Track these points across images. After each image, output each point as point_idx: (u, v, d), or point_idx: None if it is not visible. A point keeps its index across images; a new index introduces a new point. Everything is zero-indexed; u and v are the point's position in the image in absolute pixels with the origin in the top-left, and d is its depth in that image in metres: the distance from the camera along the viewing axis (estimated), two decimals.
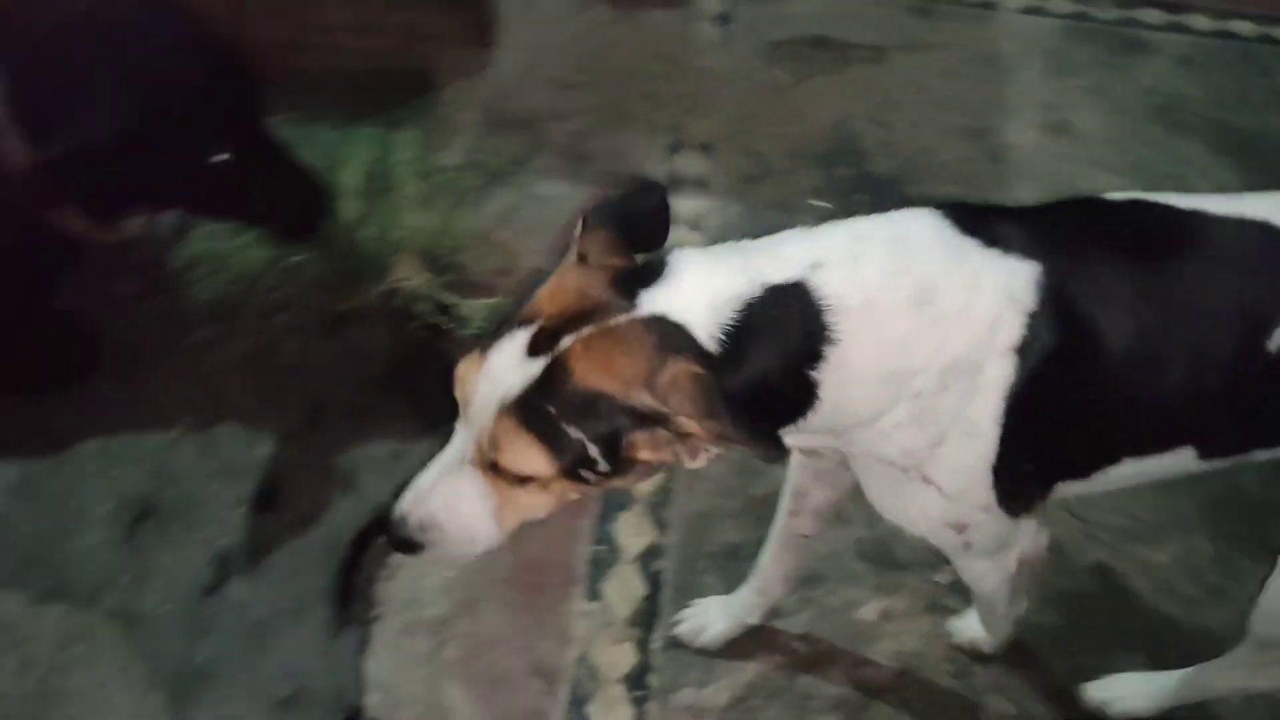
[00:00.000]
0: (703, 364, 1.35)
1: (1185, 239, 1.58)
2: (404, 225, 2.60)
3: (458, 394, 1.41)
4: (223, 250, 2.38)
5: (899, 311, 1.43)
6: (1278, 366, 1.54)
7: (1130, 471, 1.65)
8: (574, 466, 1.39)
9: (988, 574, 1.78)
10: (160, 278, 2.40)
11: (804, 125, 2.97)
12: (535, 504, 1.47)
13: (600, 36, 3.08)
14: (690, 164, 2.83)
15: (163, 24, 2.05)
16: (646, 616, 2.09)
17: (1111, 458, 1.63)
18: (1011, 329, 1.45)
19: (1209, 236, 1.58)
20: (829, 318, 1.40)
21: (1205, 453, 1.64)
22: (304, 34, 2.67)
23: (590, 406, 1.35)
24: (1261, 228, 1.57)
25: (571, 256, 1.44)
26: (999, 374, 1.45)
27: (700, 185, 2.79)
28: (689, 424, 1.34)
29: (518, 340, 1.37)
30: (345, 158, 2.66)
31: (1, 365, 2.24)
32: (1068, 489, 1.67)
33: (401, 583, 2.11)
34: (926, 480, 1.53)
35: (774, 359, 1.41)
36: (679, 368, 1.34)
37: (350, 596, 2.09)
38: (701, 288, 1.40)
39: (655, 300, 1.38)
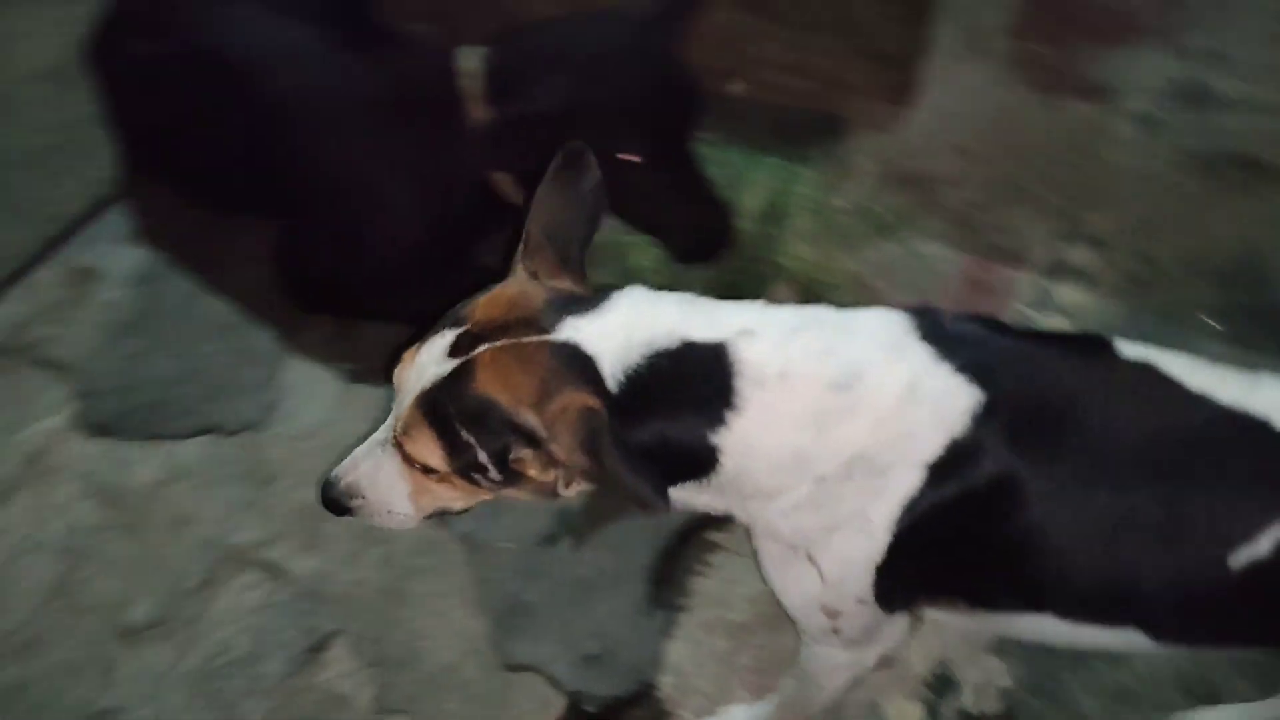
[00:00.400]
0: (600, 400, 1.35)
1: (1172, 422, 1.44)
2: (790, 254, 2.73)
3: (395, 378, 1.48)
4: (625, 243, 2.58)
5: (813, 390, 1.39)
6: (1243, 584, 1.39)
7: (1065, 631, 1.53)
8: (466, 468, 1.43)
9: (838, 670, 1.71)
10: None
11: (1208, 240, 2.85)
12: (447, 495, 1.51)
13: (1014, 114, 3.09)
14: (1079, 255, 2.79)
15: (630, 31, 2.27)
16: (942, 683, 2.10)
17: (1030, 605, 1.52)
18: (930, 445, 1.39)
19: (1200, 428, 1.43)
20: (738, 384, 1.38)
21: (1158, 639, 1.51)
22: (736, 64, 2.86)
23: (483, 415, 1.38)
24: (1261, 429, 1.40)
25: (518, 271, 1.49)
26: (905, 483, 1.40)
27: (1086, 279, 2.74)
28: (561, 452, 1.35)
29: (446, 339, 1.42)
30: (750, 182, 2.83)
31: (411, 296, 2.39)
32: (980, 620, 1.59)
33: (714, 581, 2.23)
34: (812, 561, 1.49)
35: (671, 413, 1.40)
36: (572, 397, 1.34)
37: (667, 580, 2.23)
38: (621, 327, 1.40)
39: (576, 328, 1.39)
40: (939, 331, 1.46)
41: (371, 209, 2.37)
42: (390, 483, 1.53)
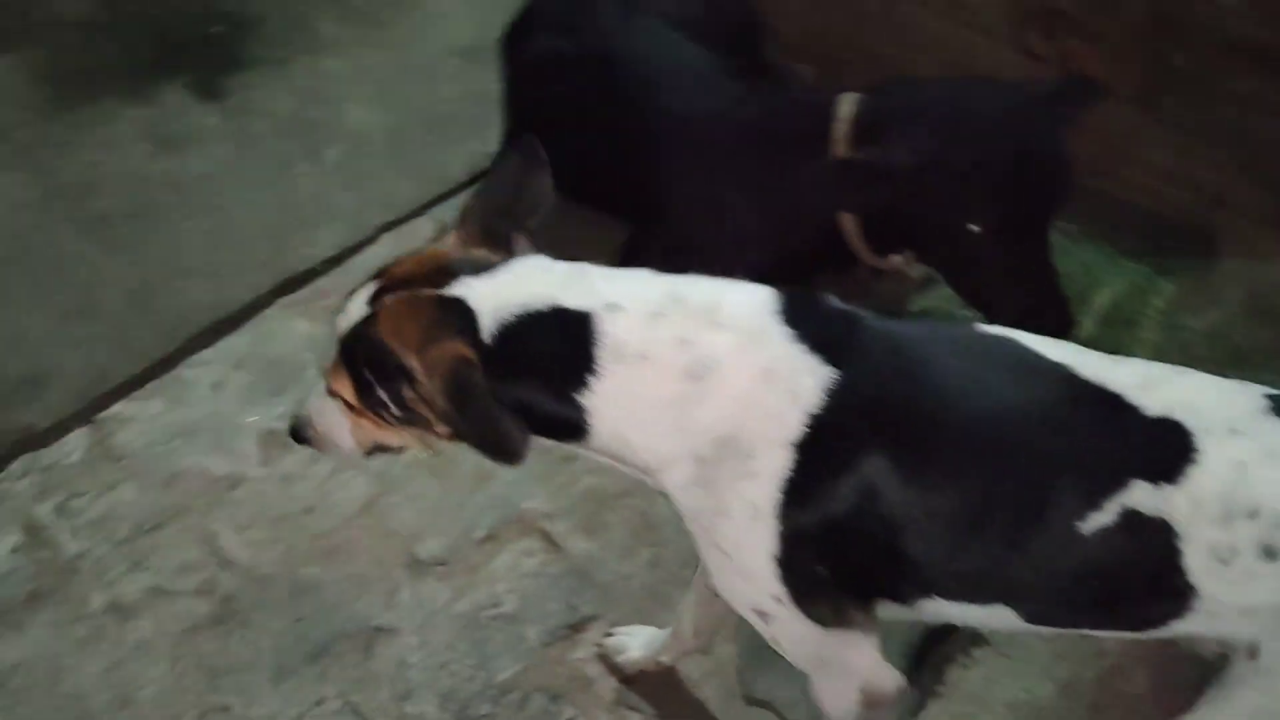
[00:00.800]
0: (473, 351, 1.47)
1: (1030, 392, 1.49)
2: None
3: (335, 324, 1.61)
4: (957, 316, 2.55)
5: (669, 376, 1.48)
6: (1092, 550, 1.43)
7: (956, 612, 1.56)
8: (373, 405, 1.57)
9: (833, 699, 1.68)
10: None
11: None
12: (373, 431, 1.64)
13: None
14: None
15: (1008, 102, 2.24)
16: None
17: (920, 590, 1.54)
18: (790, 424, 1.44)
19: (1057, 398, 1.48)
20: (599, 353, 1.48)
21: (1029, 617, 1.54)
22: (1117, 164, 2.75)
23: (379, 356, 1.51)
24: (1114, 403, 1.45)
25: (450, 240, 1.61)
26: (774, 464, 1.45)
27: None
28: (432, 396, 1.48)
29: (369, 290, 1.57)
30: (1102, 282, 2.71)
31: None
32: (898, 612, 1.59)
33: (975, 675, 2.15)
34: (721, 550, 1.54)
35: (535, 370, 1.52)
36: (448, 346, 1.47)
37: (926, 661, 2.18)
38: (503, 288, 1.52)
39: (467, 286, 1.51)
40: (801, 313, 1.52)
41: (721, 227, 2.46)
42: (332, 418, 1.68)
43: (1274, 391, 1.50)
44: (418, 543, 2.38)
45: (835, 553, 1.51)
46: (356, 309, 1.57)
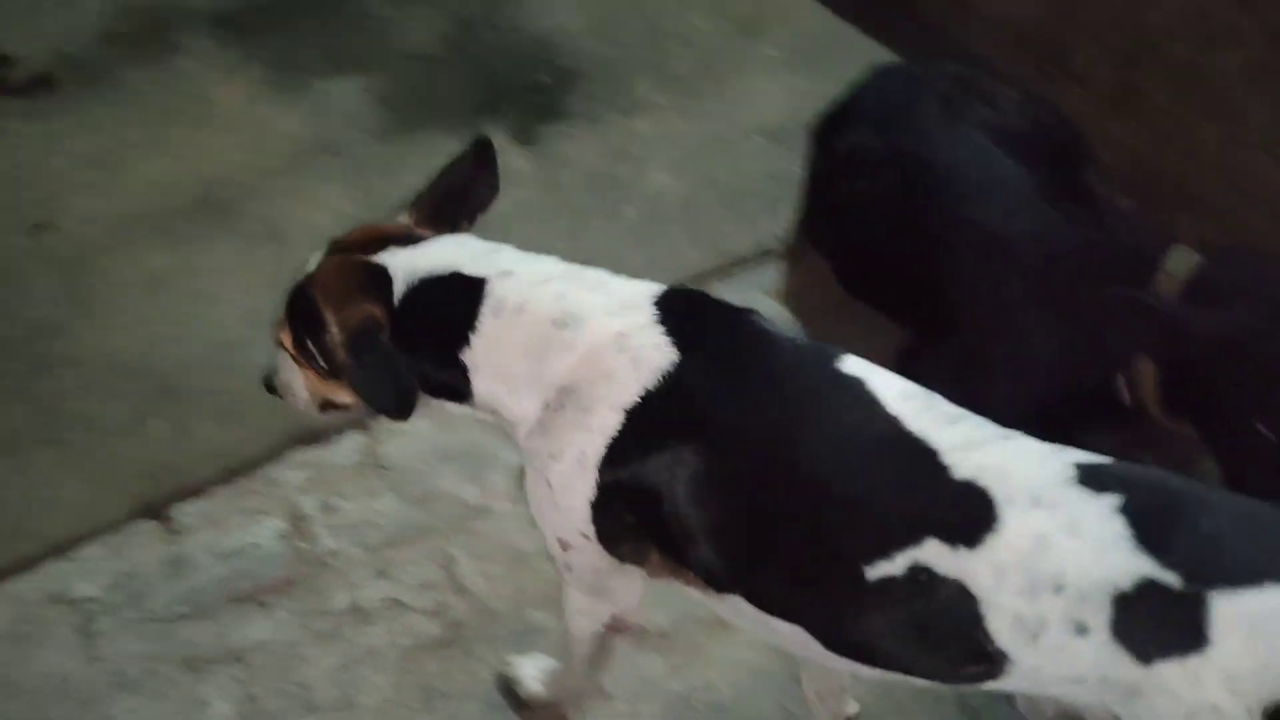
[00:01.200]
0: (385, 313, 1.64)
1: (849, 431, 1.55)
2: None
3: None
4: None
5: (539, 323, 1.63)
6: (877, 597, 1.47)
7: (765, 623, 1.62)
8: (307, 356, 1.73)
9: (580, 613, 1.89)
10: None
11: None
12: (321, 386, 1.79)
13: None
14: None
15: None
16: None
17: (726, 583, 1.62)
18: (627, 391, 1.58)
19: (874, 443, 1.54)
20: (481, 311, 1.64)
21: (828, 645, 1.59)
22: None
23: (307, 309, 1.69)
24: (927, 460, 1.49)
25: (400, 217, 1.79)
26: (606, 423, 1.59)
27: None
28: (339, 351, 1.66)
29: (320, 253, 1.76)
30: None
31: None
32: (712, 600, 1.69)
33: None
34: (549, 484, 1.67)
35: (428, 329, 1.67)
36: (362, 306, 1.64)
37: None
38: (419, 257, 1.68)
39: (392, 255, 1.68)
40: (676, 302, 1.67)
41: (1013, 351, 2.35)
42: (289, 369, 1.84)
43: (1087, 459, 1.49)
44: (643, 611, 2.36)
45: (644, 511, 1.63)
46: (307, 269, 1.76)
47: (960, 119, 2.67)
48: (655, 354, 1.60)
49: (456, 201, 1.80)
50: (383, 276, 1.67)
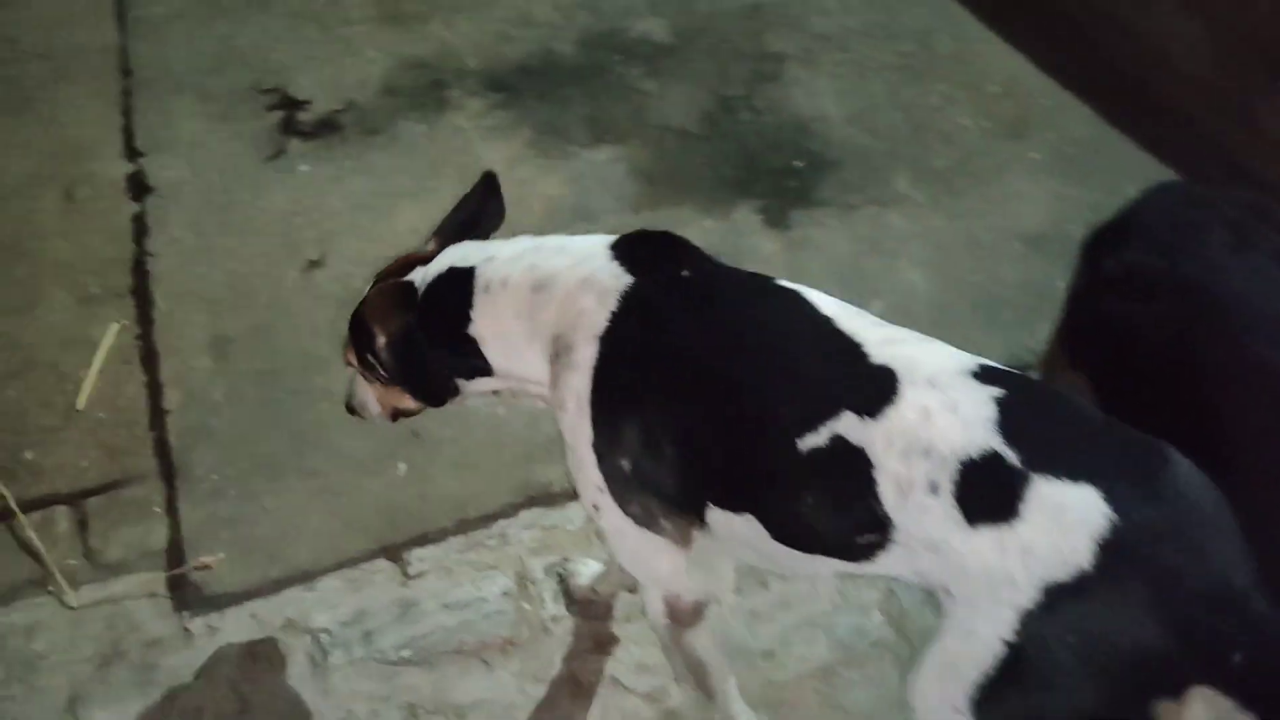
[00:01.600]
0: (414, 316, 1.92)
1: (787, 329, 1.76)
2: None
3: None
4: None
5: (522, 291, 1.88)
6: (808, 467, 1.65)
7: (729, 525, 1.79)
8: (370, 369, 2.03)
9: (650, 605, 1.99)
10: None
11: None
12: (387, 395, 2.09)
13: None
14: None
15: None
16: None
17: (701, 495, 1.80)
18: (597, 319, 1.80)
19: (810, 338, 1.73)
20: (475, 290, 1.91)
21: (775, 534, 1.74)
22: None
23: (362, 329, 1.99)
24: (852, 350, 1.68)
25: (428, 245, 2.07)
26: (587, 354, 1.80)
27: None
28: (382, 353, 1.97)
29: (371, 284, 2.05)
30: None
31: None
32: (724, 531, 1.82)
33: None
34: (568, 442, 1.87)
35: (437, 317, 1.93)
36: (398, 316, 1.93)
37: None
38: (432, 267, 1.97)
39: (417, 273, 1.98)
40: (631, 242, 1.90)
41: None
42: (360, 387, 2.14)
43: (990, 363, 1.69)
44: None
45: (630, 446, 1.79)
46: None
47: (1253, 248, 2.51)
48: (613, 282, 1.82)
49: (470, 226, 2.08)
50: (410, 290, 1.97)
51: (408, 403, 2.08)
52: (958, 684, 1.56)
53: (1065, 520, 1.49)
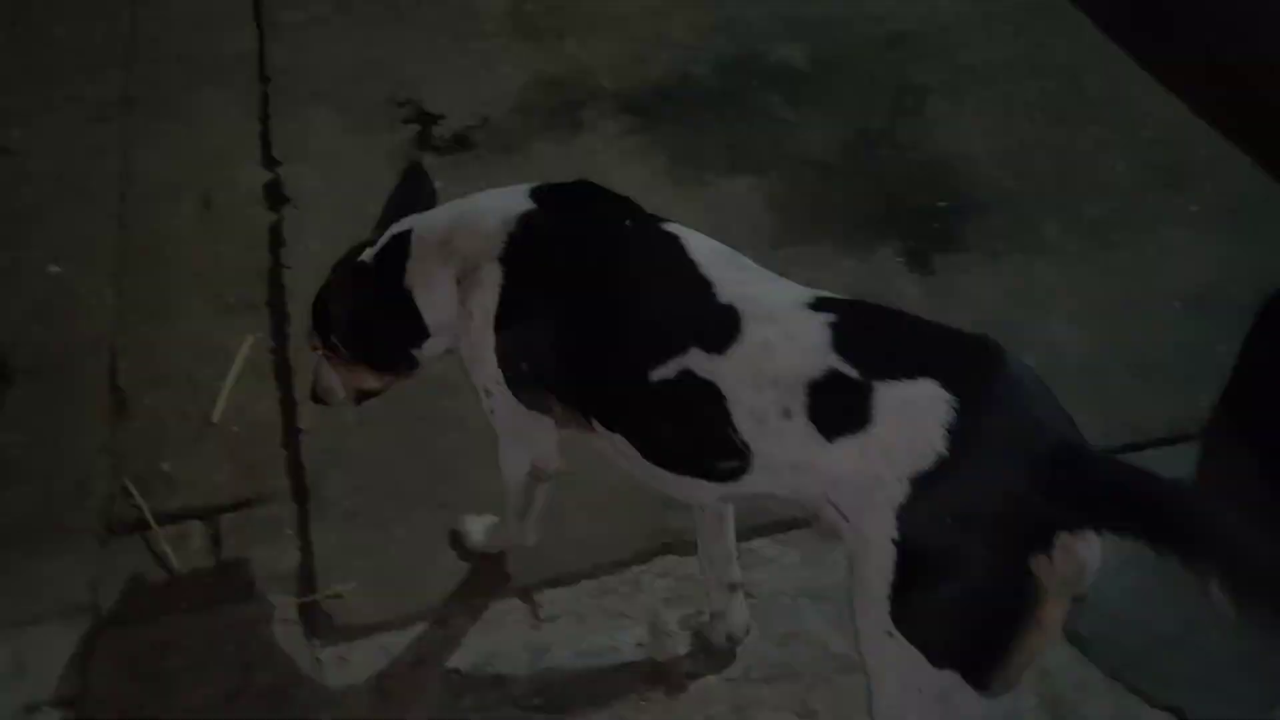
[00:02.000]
0: (369, 289, 2.19)
1: (653, 269, 1.94)
2: None
3: None
4: None
5: (439, 233, 2.13)
6: (661, 397, 1.83)
7: (611, 439, 2.00)
8: (332, 349, 2.30)
9: (507, 460, 2.33)
10: None
11: None
12: (350, 375, 2.33)
13: None
14: None
15: None
16: None
17: (586, 408, 2.02)
18: (497, 242, 2.02)
19: (670, 279, 1.91)
20: (412, 241, 2.16)
21: (644, 453, 1.94)
22: None
23: (321, 308, 2.28)
24: (704, 290, 1.85)
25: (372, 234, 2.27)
26: (492, 275, 2.02)
27: None
28: (343, 336, 2.27)
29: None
30: None
31: None
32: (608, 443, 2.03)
33: None
34: (469, 342, 2.10)
35: (386, 274, 2.16)
36: (353, 291, 2.20)
37: None
38: (380, 244, 2.21)
39: (366, 254, 2.22)
40: (547, 189, 2.09)
41: None
42: (324, 370, 2.36)
43: (827, 294, 1.83)
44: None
45: (528, 352, 2.02)
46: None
47: None
48: (516, 206, 2.04)
49: (408, 209, 2.27)
50: (362, 266, 2.19)
51: (371, 382, 2.32)
52: (877, 605, 1.66)
53: (914, 414, 1.62)
